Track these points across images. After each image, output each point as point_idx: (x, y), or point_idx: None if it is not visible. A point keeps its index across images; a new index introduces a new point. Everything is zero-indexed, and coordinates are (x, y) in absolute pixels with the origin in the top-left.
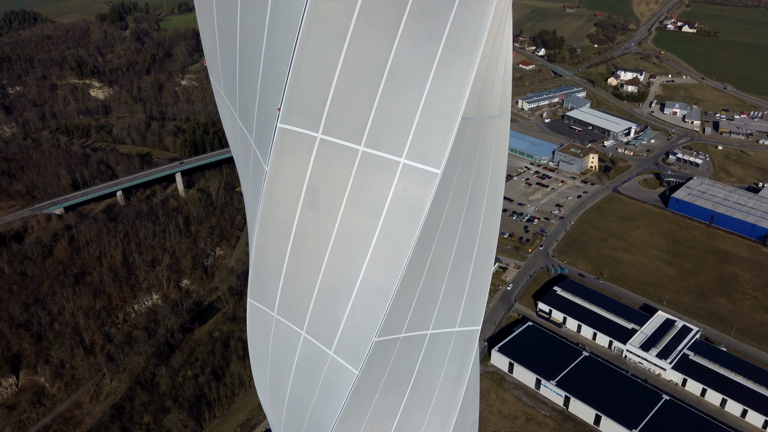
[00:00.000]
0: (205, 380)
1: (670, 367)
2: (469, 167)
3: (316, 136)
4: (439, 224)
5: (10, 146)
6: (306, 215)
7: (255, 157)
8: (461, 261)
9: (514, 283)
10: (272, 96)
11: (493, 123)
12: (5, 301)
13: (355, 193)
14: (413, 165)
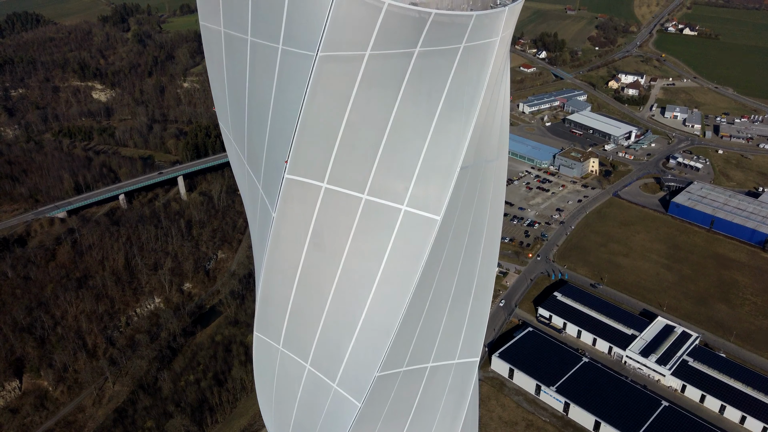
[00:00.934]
0: (207, 385)
1: (670, 373)
2: (467, 210)
3: (322, 186)
4: (438, 265)
5: (13, 149)
6: (311, 257)
7: (262, 201)
8: (460, 297)
9: (514, 288)
10: (280, 148)
11: (491, 166)
12: (8, 305)
13: (358, 238)
14: (414, 212)
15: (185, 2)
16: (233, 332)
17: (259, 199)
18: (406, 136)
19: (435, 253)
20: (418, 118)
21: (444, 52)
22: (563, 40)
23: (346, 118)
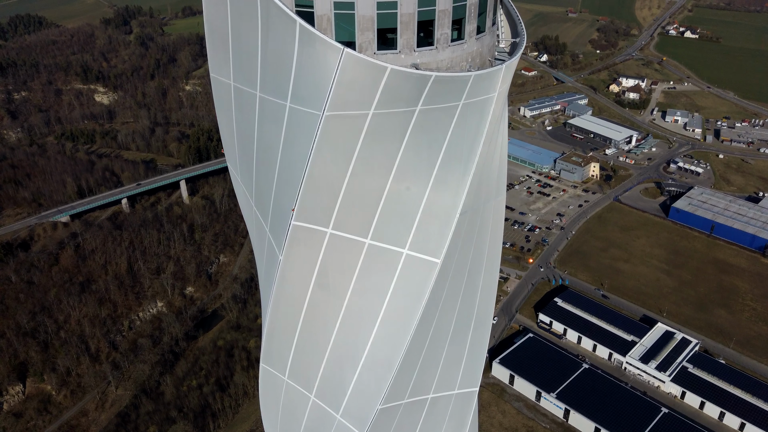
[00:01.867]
0: (209, 390)
1: (669, 379)
2: (467, 248)
3: (327, 231)
4: (439, 302)
5: (17, 153)
6: (316, 295)
7: (269, 242)
8: (460, 330)
9: (515, 293)
10: (287, 195)
11: (489, 205)
12: (12, 309)
13: (362, 278)
14: (415, 255)
15: (187, 4)
16: (235, 337)
17: (266, 240)
18: (407, 185)
19: (436, 292)
20: (419, 168)
21: (444, 108)
22: (564, 43)
23: (350, 168)
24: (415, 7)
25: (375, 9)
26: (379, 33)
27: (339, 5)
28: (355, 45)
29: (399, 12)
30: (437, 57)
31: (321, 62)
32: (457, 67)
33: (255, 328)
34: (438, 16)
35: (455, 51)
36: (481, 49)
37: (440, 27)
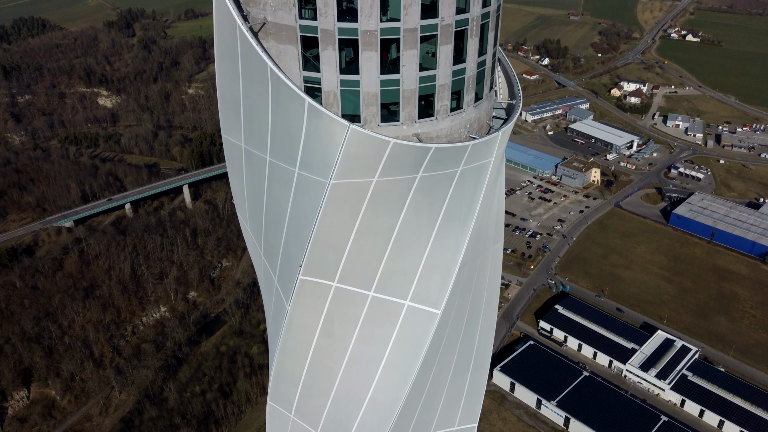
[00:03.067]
0: (212, 397)
1: (669, 387)
2: (466, 297)
3: (332, 285)
4: (439, 349)
5: (21, 157)
6: (322, 341)
7: (278, 292)
8: (460, 372)
9: (516, 300)
10: (295, 251)
11: (488, 252)
12: (17, 315)
13: (365, 327)
14: (417, 306)
15: (190, 7)
16: (238, 343)
17: (274, 288)
18: (409, 242)
19: (436, 340)
20: (420, 227)
21: (444, 174)
22: (566, 47)
23: (355, 229)
24: (416, 84)
25: (379, 86)
26: (383, 106)
27: (345, 83)
28: (360, 118)
29: (401, 89)
30: (437, 126)
31: (328, 135)
32: (456, 134)
33: (258, 333)
34: (438, 90)
35: (454, 120)
36: (479, 115)
37: (440, 99)
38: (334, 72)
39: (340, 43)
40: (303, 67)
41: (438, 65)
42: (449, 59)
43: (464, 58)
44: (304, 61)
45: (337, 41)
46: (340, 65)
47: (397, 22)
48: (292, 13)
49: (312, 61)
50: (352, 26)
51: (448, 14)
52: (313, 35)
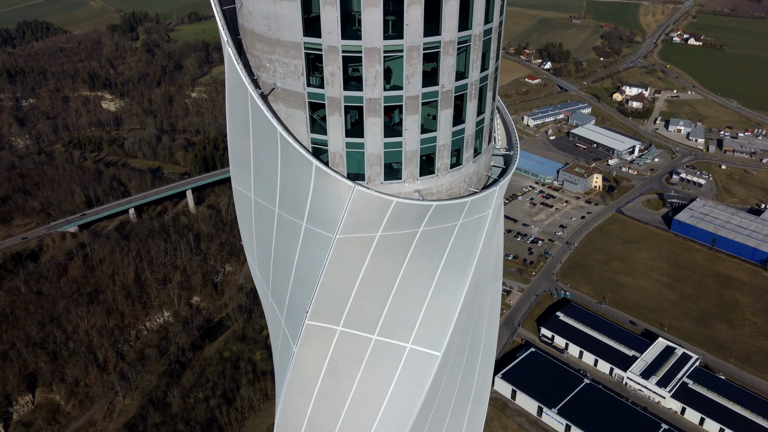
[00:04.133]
0: (216, 403)
1: (670, 395)
2: (465, 337)
3: (337, 329)
4: (440, 387)
5: (25, 162)
6: (327, 380)
7: (284, 333)
8: (459, 408)
9: (518, 306)
10: (302, 296)
11: (487, 291)
12: (22, 320)
13: (369, 368)
14: (418, 349)
15: (193, 10)
16: (241, 348)
17: (281, 329)
18: (411, 290)
19: (437, 379)
20: (422, 275)
21: (444, 227)
22: (568, 50)
23: (359, 278)
24: (418, 145)
25: (382, 148)
26: (386, 166)
27: (350, 144)
28: (365, 176)
29: (404, 150)
30: (438, 182)
31: (334, 194)
32: (456, 188)
33: (260, 339)
34: (438, 150)
35: (454, 175)
36: (478, 168)
37: (440, 158)
38: (340, 135)
39: (346, 108)
40: (311, 129)
41: (438, 127)
42: (449, 121)
43: (463, 119)
44: (312, 123)
45: (343, 107)
46: (346, 128)
47: (399, 91)
48: (300, 81)
49: (319, 123)
50: (358, 95)
51: (448, 81)
52: (321, 102)
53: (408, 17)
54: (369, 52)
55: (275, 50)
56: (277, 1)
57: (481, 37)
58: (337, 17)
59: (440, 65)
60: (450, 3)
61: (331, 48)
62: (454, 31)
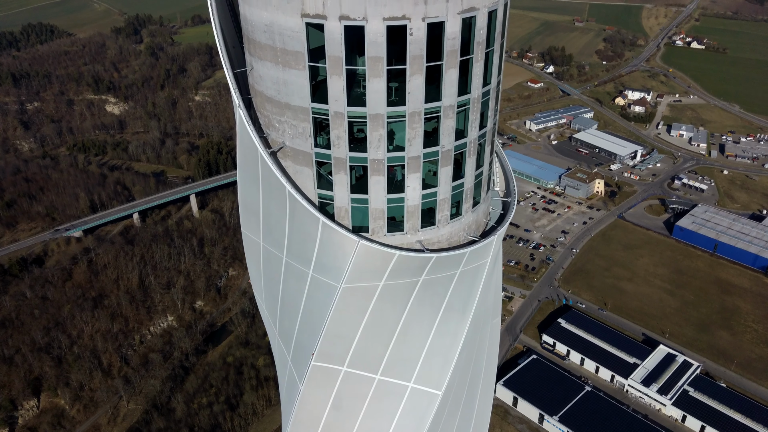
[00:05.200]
0: (219, 409)
1: (670, 402)
2: (465, 373)
3: (342, 369)
4: (440, 422)
5: (30, 166)
6: (332, 415)
7: (291, 371)
8: None
9: (519, 313)
10: (308, 339)
11: (486, 328)
12: (27, 325)
13: (372, 404)
14: (419, 388)
15: (197, 13)
16: (244, 354)
17: (288, 367)
18: (412, 332)
19: (438, 414)
20: (423, 319)
21: (445, 276)
22: (571, 54)
23: (364, 322)
24: (419, 200)
25: (385, 204)
26: (389, 219)
27: (355, 200)
28: (368, 228)
29: (406, 205)
30: (438, 233)
31: (340, 246)
32: (456, 237)
33: (263, 344)
34: (439, 203)
35: (454, 225)
36: (477, 217)
37: (441, 211)
38: (346, 191)
39: (351, 167)
40: (317, 185)
41: (439, 183)
42: (449, 177)
43: (463, 173)
44: (319, 179)
45: (349, 167)
46: (351, 183)
47: (402, 152)
48: (308, 142)
49: (326, 178)
50: (362, 155)
51: (448, 141)
52: (327, 161)
53: (410, 86)
54: (373, 117)
55: (284, 113)
56: (286, 69)
57: (480, 99)
58: (343, 87)
59: (440, 127)
60: (450, 71)
61: (338, 114)
62: (453, 96)
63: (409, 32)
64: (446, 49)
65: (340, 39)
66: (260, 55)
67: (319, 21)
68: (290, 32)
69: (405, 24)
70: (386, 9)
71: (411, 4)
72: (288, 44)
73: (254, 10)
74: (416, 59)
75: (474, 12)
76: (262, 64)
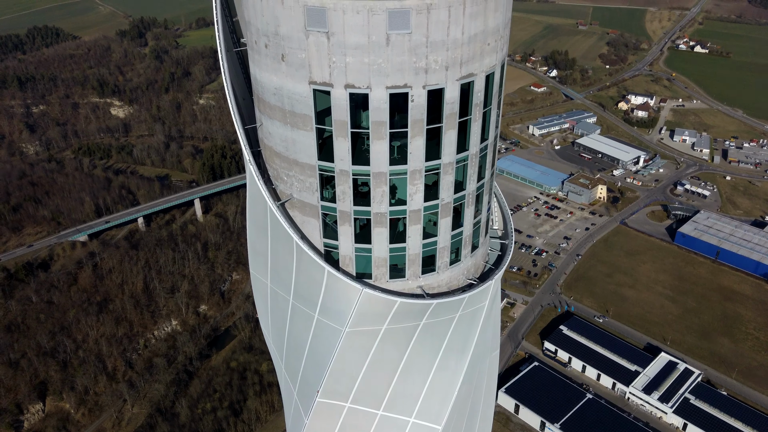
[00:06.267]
0: (223, 415)
1: (672, 411)
2: (465, 406)
3: (346, 405)
4: None
5: (36, 169)
6: None
7: (296, 405)
8: None
9: (522, 319)
10: (313, 376)
11: (485, 362)
12: (33, 329)
13: None
14: (420, 423)
15: (201, 15)
16: (248, 359)
17: (294, 400)
18: (414, 371)
19: None
20: (424, 358)
21: (444, 319)
22: (574, 58)
23: (367, 361)
24: (420, 249)
25: (388, 252)
26: (391, 266)
27: (359, 249)
28: (371, 275)
29: (407, 254)
30: (438, 278)
31: (344, 294)
32: (455, 281)
33: (267, 350)
34: (439, 251)
35: (453, 270)
36: (476, 261)
37: (441, 258)
38: (350, 241)
39: (355, 220)
40: (323, 234)
41: (439, 233)
42: (449, 227)
43: (462, 222)
44: (324, 228)
45: (353, 219)
46: (355, 232)
47: (403, 206)
48: (314, 196)
49: (331, 226)
50: (366, 209)
51: (448, 195)
52: (333, 213)
53: (411, 147)
54: (376, 175)
55: (292, 168)
56: (294, 130)
57: (478, 155)
58: (348, 148)
59: (440, 183)
60: (449, 132)
61: (343, 171)
62: (452, 154)
63: (410, 99)
64: (446, 113)
65: (346, 105)
66: (270, 114)
67: (326, 88)
68: (299, 97)
69: (407, 92)
70: (389, 79)
71: (412, 74)
72: (296, 107)
73: (264, 74)
74: (417, 123)
75: (472, 77)
76: (271, 123)
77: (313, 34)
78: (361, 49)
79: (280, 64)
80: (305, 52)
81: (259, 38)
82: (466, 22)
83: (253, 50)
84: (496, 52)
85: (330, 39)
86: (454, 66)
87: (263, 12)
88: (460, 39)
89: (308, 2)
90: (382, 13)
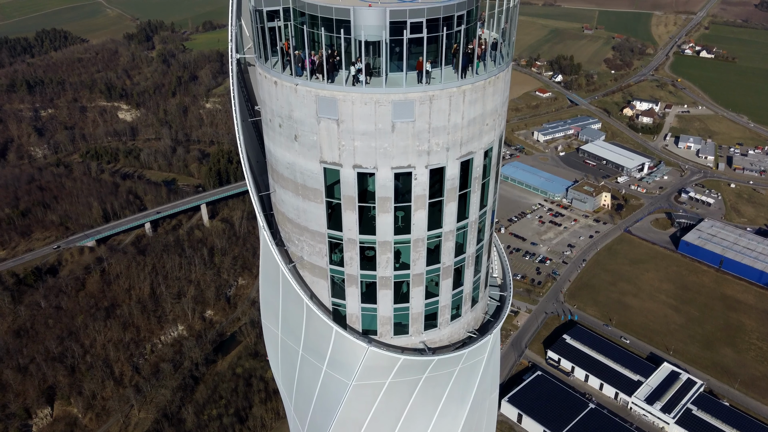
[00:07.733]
0: (229, 422)
1: (674, 421)
2: None
3: None
4: None
5: (44, 174)
6: None
7: None
8: None
9: (525, 328)
10: (321, 422)
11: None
12: (41, 334)
13: None
14: None
15: (208, 19)
16: (253, 365)
17: None
18: (416, 418)
19: None
20: (426, 407)
21: (445, 373)
22: (579, 63)
23: (372, 410)
24: (423, 308)
25: (392, 312)
26: (395, 324)
27: (365, 309)
28: (377, 332)
29: (410, 312)
30: (440, 334)
31: (351, 350)
32: (456, 335)
33: None
34: (440, 309)
35: (454, 325)
36: (476, 314)
37: (442, 315)
38: (357, 301)
39: (361, 282)
40: (331, 294)
41: (440, 293)
42: (450, 287)
43: (462, 282)
44: (332, 287)
45: (360, 282)
46: (361, 292)
47: (407, 270)
48: (324, 260)
49: (339, 285)
50: (372, 273)
51: (449, 259)
52: (340, 276)
53: (414, 218)
54: (382, 244)
55: (303, 233)
56: (305, 201)
57: (477, 221)
58: (356, 219)
59: (441, 248)
60: (450, 204)
61: (351, 240)
62: (453, 223)
63: (414, 177)
64: (446, 188)
65: (354, 183)
66: (282, 185)
67: (336, 167)
68: (310, 173)
69: (410, 171)
70: (394, 161)
71: (416, 156)
72: (308, 182)
73: (278, 150)
74: (420, 198)
75: (471, 155)
76: (284, 192)
77: (324, 120)
78: (369, 135)
79: (294, 143)
80: (317, 135)
81: (274, 118)
82: (465, 108)
83: (267, 126)
84: (494, 129)
85: (340, 125)
86: (455, 147)
87: (278, 97)
88: (460, 123)
89: (320, 93)
90: (388, 104)
